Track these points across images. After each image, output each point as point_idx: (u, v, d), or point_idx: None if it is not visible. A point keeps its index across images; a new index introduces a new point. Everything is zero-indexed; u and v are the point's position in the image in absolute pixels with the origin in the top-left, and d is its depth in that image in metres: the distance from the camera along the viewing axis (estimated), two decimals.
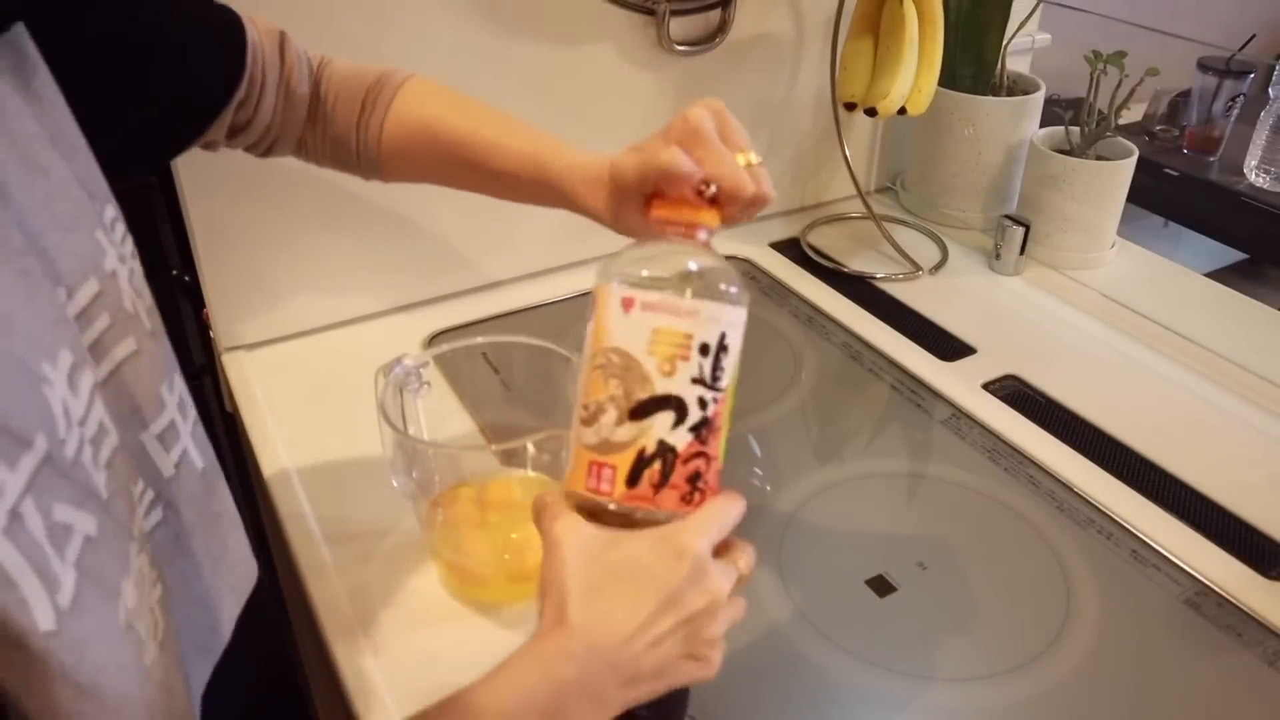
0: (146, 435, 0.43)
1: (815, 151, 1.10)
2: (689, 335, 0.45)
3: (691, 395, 0.45)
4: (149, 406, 0.43)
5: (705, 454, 0.46)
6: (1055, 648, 0.61)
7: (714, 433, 0.46)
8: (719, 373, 0.46)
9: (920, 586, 0.65)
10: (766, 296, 0.98)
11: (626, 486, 0.45)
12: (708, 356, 0.46)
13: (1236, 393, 0.84)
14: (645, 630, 0.44)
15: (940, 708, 0.58)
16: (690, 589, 0.44)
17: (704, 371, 0.45)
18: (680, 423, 0.45)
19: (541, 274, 0.99)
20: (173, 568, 0.43)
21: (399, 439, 0.60)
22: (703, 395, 0.46)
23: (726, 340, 0.46)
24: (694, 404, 0.45)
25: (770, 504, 0.72)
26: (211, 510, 0.47)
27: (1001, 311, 0.96)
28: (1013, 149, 1.05)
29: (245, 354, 0.86)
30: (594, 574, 0.45)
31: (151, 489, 0.42)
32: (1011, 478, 0.75)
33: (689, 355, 0.45)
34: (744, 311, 0.47)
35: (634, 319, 0.46)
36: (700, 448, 0.46)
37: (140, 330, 0.42)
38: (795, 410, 0.82)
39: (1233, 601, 0.65)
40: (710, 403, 0.46)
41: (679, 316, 0.46)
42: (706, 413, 0.46)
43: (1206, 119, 1.31)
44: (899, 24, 0.88)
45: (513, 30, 0.86)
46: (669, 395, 0.45)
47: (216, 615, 0.47)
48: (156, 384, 0.44)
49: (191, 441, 0.46)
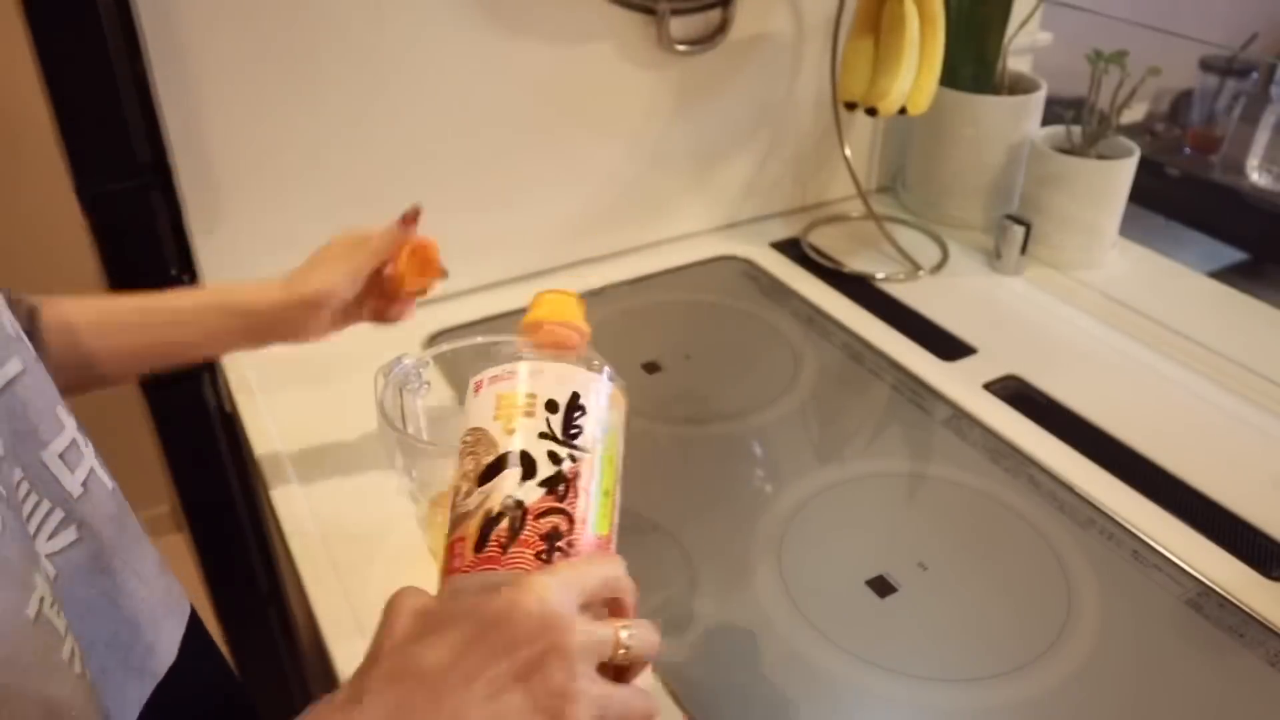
0: (48, 454, 0.43)
1: (815, 151, 1.10)
2: (532, 395, 0.45)
3: (539, 450, 0.43)
4: (46, 425, 0.43)
5: (565, 512, 0.43)
6: (1056, 648, 0.61)
7: (576, 493, 0.43)
8: (573, 429, 0.44)
9: (920, 587, 0.65)
10: (766, 296, 0.98)
11: (475, 552, 0.42)
12: (556, 413, 0.44)
13: (1238, 393, 0.84)
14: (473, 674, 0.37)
15: (940, 708, 0.58)
16: (527, 626, 0.38)
17: (552, 427, 0.44)
18: (528, 478, 0.43)
19: (541, 274, 0.99)
20: (93, 587, 0.43)
21: (399, 439, 0.60)
22: (554, 450, 0.43)
23: (582, 400, 0.45)
24: (544, 458, 0.43)
25: (770, 504, 0.72)
26: (130, 530, 0.47)
27: (1002, 311, 0.96)
28: (1013, 148, 1.05)
29: (244, 354, 0.86)
30: (419, 626, 0.39)
31: (60, 509, 0.42)
32: (1012, 478, 0.74)
33: (534, 412, 0.44)
34: (604, 381, 0.46)
35: (482, 396, 0.46)
36: (555, 504, 0.42)
37: (25, 353, 0.42)
38: (795, 410, 0.82)
39: (1234, 602, 0.65)
40: (566, 459, 0.43)
41: (520, 379, 0.45)
42: (562, 468, 0.43)
43: (1208, 118, 1.31)
44: (899, 23, 0.88)
45: (513, 30, 0.86)
46: (512, 452, 0.43)
47: (154, 635, 0.46)
48: (51, 403, 0.44)
49: (98, 463, 0.46)
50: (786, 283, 1.00)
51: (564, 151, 0.94)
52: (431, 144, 0.87)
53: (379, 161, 0.85)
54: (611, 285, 0.99)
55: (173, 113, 0.76)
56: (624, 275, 1.00)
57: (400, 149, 0.86)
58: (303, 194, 0.83)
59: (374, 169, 0.85)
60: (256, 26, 0.76)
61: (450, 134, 0.88)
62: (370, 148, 0.85)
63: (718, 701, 0.57)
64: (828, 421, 0.82)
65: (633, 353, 0.89)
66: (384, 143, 0.85)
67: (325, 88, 0.80)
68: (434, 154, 0.88)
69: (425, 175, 0.88)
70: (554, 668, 0.38)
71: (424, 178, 0.88)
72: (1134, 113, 1.09)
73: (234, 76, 0.77)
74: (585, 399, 0.45)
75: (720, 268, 1.03)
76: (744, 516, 0.71)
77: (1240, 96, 1.29)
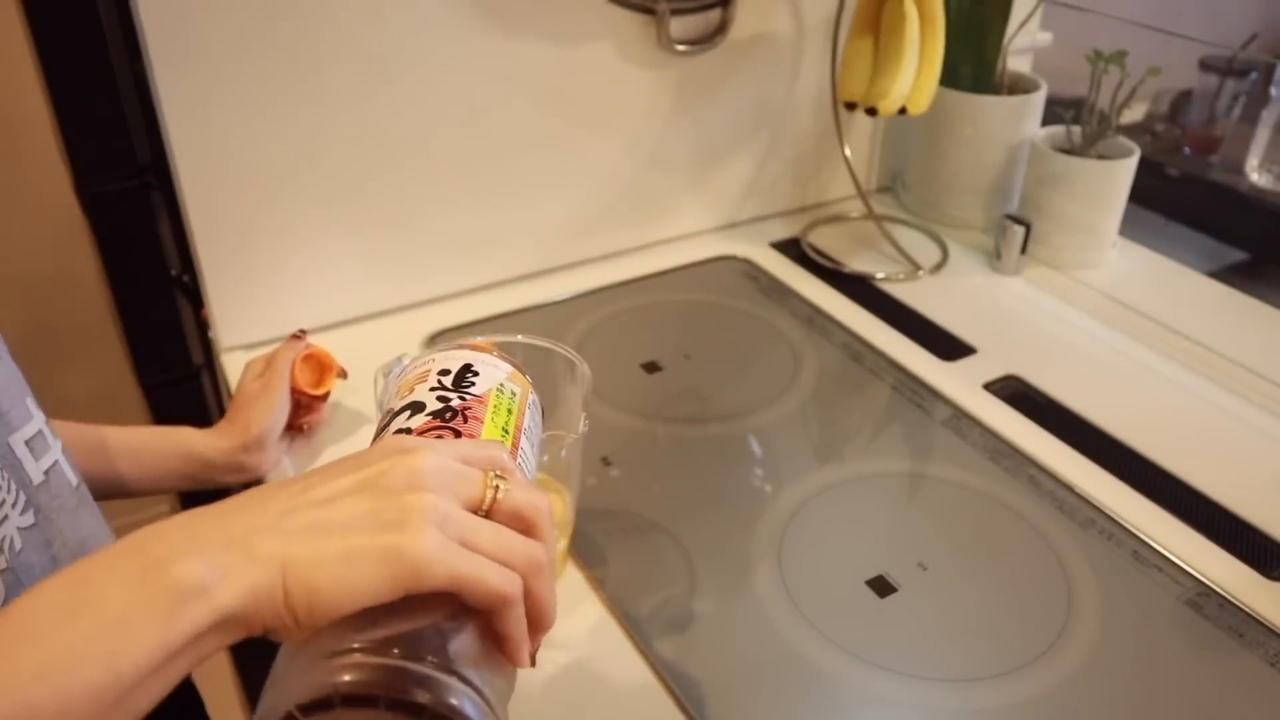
0: (15, 439, 0.44)
1: (815, 151, 1.10)
2: (426, 370, 0.47)
3: (430, 397, 0.45)
4: (14, 412, 0.44)
5: (451, 428, 0.43)
6: (1056, 648, 0.61)
7: (465, 420, 0.43)
8: (464, 383, 0.45)
9: (920, 587, 0.65)
10: (766, 296, 0.98)
11: None
12: (448, 375, 0.46)
13: (1238, 393, 0.84)
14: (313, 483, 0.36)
15: (940, 708, 0.58)
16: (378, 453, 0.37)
17: (443, 381, 0.45)
18: (416, 414, 0.44)
19: (541, 274, 0.99)
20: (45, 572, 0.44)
21: None
22: (444, 395, 0.45)
23: (474, 367, 0.46)
24: (433, 401, 0.44)
25: (770, 504, 0.72)
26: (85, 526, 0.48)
27: (1002, 311, 0.96)
28: (1013, 148, 1.05)
29: (245, 354, 0.86)
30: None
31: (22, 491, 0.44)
32: (1012, 478, 0.74)
33: (427, 378, 0.46)
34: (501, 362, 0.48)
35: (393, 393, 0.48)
36: (441, 425, 0.43)
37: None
38: (795, 410, 0.82)
39: (1234, 602, 0.65)
40: (454, 399, 0.44)
41: (417, 364, 0.48)
42: (450, 403, 0.44)
43: (1208, 118, 1.31)
44: (899, 23, 0.88)
45: (513, 30, 0.86)
46: (404, 402, 0.45)
47: None
48: (20, 395, 0.45)
49: (64, 458, 0.48)
50: (786, 283, 1.00)
51: (564, 151, 0.94)
52: (431, 143, 0.87)
53: (379, 161, 0.85)
54: (611, 285, 0.99)
55: (173, 113, 0.76)
56: (623, 275, 1.00)
57: (399, 148, 0.86)
58: (302, 193, 0.83)
59: (374, 168, 0.85)
60: (257, 26, 0.76)
61: (450, 134, 0.88)
62: (370, 147, 0.85)
63: (718, 701, 0.57)
64: (828, 421, 0.82)
65: (632, 353, 0.89)
66: (384, 142, 0.85)
67: (325, 87, 0.80)
68: (433, 153, 0.88)
69: (424, 174, 0.88)
70: (396, 479, 0.35)
71: (423, 177, 0.88)
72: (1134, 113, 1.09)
73: (234, 76, 0.77)
74: (477, 366, 0.47)
75: (720, 268, 1.03)
76: (744, 516, 0.71)
77: (1240, 97, 1.29)
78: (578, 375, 0.63)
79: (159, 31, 0.73)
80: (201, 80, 0.76)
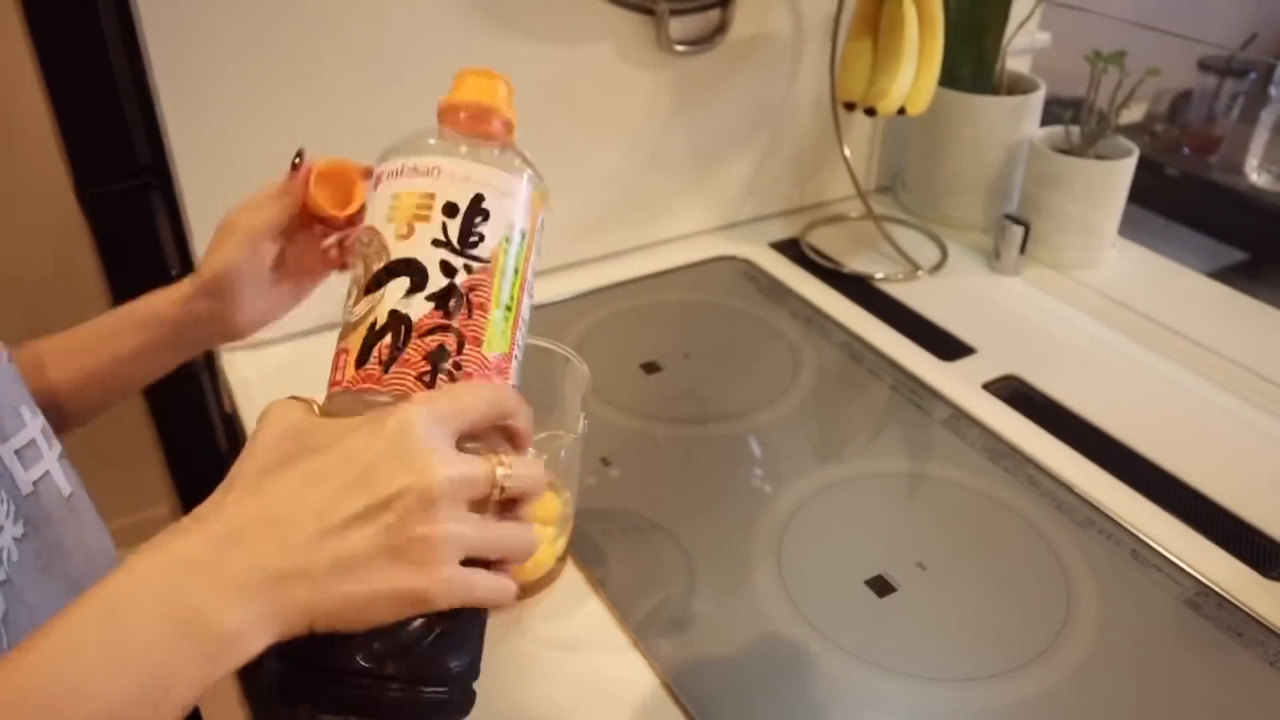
0: (4, 449, 0.43)
1: (815, 151, 1.10)
2: (430, 194, 0.40)
3: (432, 258, 0.39)
4: (7, 420, 0.44)
5: (454, 329, 0.39)
6: (1055, 648, 0.61)
7: (471, 309, 0.40)
8: (472, 236, 0.40)
9: (920, 587, 0.65)
10: (766, 296, 0.98)
11: (356, 367, 0.39)
12: (455, 217, 0.40)
13: (1237, 393, 0.84)
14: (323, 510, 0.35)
15: (940, 708, 0.58)
16: (387, 463, 0.36)
17: (449, 233, 0.40)
18: (417, 290, 0.39)
19: (541, 274, 0.99)
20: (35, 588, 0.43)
21: None
22: (447, 259, 0.40)
23: (486, 204, 0.40)
24: (435, 269, 0.39)
25: (769, 504, 0.72)
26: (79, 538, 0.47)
27: (1001, 311, 0.96)
28: (1012, 149, 1.05)
29: (244, 354, 0.86)
30: (280, 453, 0.37)
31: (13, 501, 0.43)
32: (1011, 478, 0.75)
33: (429, 216, 0.40)
34: (518, 180, 0.42)
35: (380, 192, 0.42)
36: (444, 320, 0.39)
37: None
38: (795, 410, 0.82)
39: (1233, 602, 0.65)
40: (460, 270, 0.40)
41: (418, 176, 0.41)
42: (455, 280, 0.39)
43: (1207, 118, 1.31)
44: (899, 24, 0.88)
45: (512, 30, 0.86)
46: (402, 259, 0.39)
47: None
48: (14, 402, 0.45)
49: (57, 466, 0.47)
50: (785, 283, 1.00)
51: (563, 152, 0.94)
52: None
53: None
54: (610, 285, 0.99)
55: (173, 113, 0.76)
56: (623, 275, 1.00)
57: None
58: None
59: None
60: (257, 26, 0.76)
61: None
62: (370, 148, 0.84)
63: (717, 701, 0.57)
64: (827, 421, 0.82)
65: (632, 353, 0.89)
66: (384, 142, 0.85)
67: (325, 87, 0.80)
68: None
69: None
70: (410, 509, 0.35)
71: None
72: (1133, 113, 1.09)
73: (234, 76, 0.77)
74: (489, 201, 0.41)
75: (719, 268, 1.03)
76: (743, 516, 0.71)
77: (1239, 97, 1.29)
78: (577, 375, 0.63)
79: (159, 31, 0.73)
80: (201, 80, 0.76)
